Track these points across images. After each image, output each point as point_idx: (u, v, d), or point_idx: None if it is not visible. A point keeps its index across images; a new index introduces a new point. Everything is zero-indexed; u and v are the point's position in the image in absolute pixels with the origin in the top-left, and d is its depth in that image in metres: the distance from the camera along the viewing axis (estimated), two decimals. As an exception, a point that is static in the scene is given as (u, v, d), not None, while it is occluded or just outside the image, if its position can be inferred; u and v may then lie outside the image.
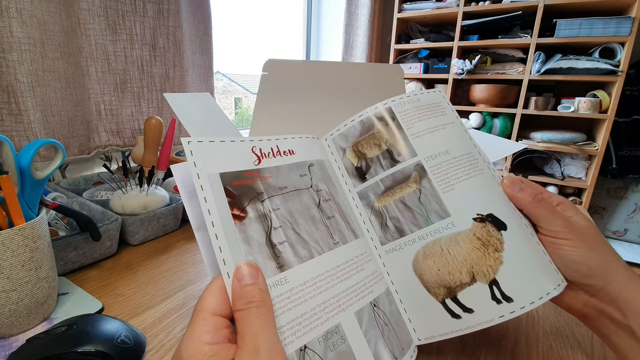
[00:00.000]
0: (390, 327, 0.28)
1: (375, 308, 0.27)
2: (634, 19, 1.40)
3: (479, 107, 1.75)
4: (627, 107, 1.61)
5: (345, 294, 0.26)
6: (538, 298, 0.26)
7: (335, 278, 0.26)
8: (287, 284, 0.23)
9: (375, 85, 0.48)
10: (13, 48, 0.60)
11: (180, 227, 0.60)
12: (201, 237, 0.24)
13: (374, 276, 0.29)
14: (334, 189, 0.32)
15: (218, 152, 0.26)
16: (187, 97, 0.42)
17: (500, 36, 1.65)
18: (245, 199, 0.25)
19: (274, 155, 0.29)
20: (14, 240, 0.30)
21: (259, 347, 0.18)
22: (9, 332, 0.32)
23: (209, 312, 0.20)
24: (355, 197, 0.32)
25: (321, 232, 0.28)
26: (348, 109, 0.37)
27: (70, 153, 0.74)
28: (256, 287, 0.21)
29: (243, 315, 0.20)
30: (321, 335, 0.23)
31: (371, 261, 0.30)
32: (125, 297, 0.40)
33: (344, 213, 0.31)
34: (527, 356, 0.33)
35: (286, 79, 0.46)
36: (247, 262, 0.22)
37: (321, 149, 0.34)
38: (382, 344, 0.26)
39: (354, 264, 0.28)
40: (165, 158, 0.57)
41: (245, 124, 2.44)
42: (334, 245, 0.28)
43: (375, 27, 1.97)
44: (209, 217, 0.23)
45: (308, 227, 0.27)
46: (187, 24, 0.91)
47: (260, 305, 0.20)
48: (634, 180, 1.82)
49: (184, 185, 0.25)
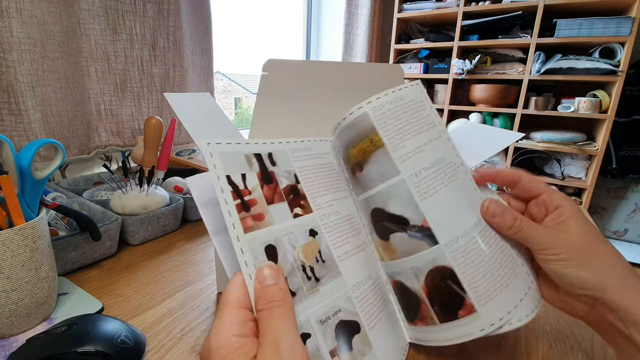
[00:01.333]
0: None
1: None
2: (634, 19, 1.40)
3: (479, 107, 1.75)
4: (627, 107, 1.61)
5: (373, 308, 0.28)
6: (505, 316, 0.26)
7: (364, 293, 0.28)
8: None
9: (375, 85, 0.48)
10: (13, 48, 0.60)
11: (180, 227, 0.60)
12: (219, 242, 0.24)
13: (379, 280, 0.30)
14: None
15: (236, 154, 0.26)
16: (187, 97, 0.42)
17: (500, 36, 1.65)
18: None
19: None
20: (14, 240, 0.30)
21: (280, 345, 0.19)
22: (9, 332, 0.32)
23: (235, 304, 0.21)
24: (357, 203, 0.33)
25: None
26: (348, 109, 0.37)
27: (70, 153, 0.74)
28: (277, 287, 0.21)
29: (265, 314, 0.20)
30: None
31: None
32: (125, 297, 0.40)
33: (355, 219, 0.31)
34: (527, 356, 0.33)
35: (286, 79, 0.46)
36: (267, 263, 0.22)
37: (331, 151, 0.34)
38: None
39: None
40: (165, 158, 0.57)
41: (245, 124, 2.44)
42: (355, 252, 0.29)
43: (375, 27, 1.97)
44: (229, 219, 0.23)
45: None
46: (187, 24, 0.91)
47: (281, 304, 0.20)
48: (634, 180, 1.82)
49: (200, 194, 0.25)
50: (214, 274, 0.46)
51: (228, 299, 0.21)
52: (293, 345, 0.19)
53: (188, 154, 0.81)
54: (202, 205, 0.25)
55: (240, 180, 0.25)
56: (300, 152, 0.30)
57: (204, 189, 0.25)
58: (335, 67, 0.51)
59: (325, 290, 0.25)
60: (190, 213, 0.62)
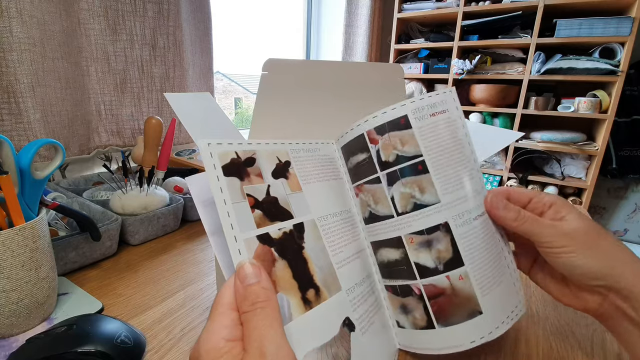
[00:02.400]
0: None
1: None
2: (634, 19, 1.40)
3: (479, 107, 1.75)
4: (627, 107, 1.61)
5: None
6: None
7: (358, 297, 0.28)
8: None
9: (375, 85, 0.48)
10: (13, 48, 0.60)
11: (180, 227, 0.60)
12: (216, 242, 0.24)
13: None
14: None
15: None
16: (187, 97, 0.42)
17: (500, 36, 1.65)
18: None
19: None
20: (14, 240, 0.30)
21: (265, 351, 0.18)
22: (9, 332, 0.32)
23: (226, 306, 0.20)
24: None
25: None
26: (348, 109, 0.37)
27: (70, 153, 0.74)
28: (259, 286, 0.20)
29: (249, 317, 0.19)
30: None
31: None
32: (125, 297, 0.40)
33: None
34: (527, 356, 0.33)
35: (286, 79, 0.46)
36: (249, 261, 0.21)
37: (334, 154, 0.33)
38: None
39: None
40: (165, 158, 0.57)
41: (245, 124, 2.44)
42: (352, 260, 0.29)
43: (375, 27, 1.97)
44: (227, 219, 0.22)
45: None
46: (187, 24, 0.91)
47: (265, 305, 0.19)
48: (634, 180, 1.82)
49: (199, 194, 0.25)
50: (214, 274, 0.46)
51: (220, 300, 0.20)
52: (279, 349, 0.18)
53: (188, 154, 0.81)
54: (201, 205, 0.25)
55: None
56: (301, 154, 0.30)
57: (204, 189, 0.25)
58: (335, 66, 0.51)
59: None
60: (190, 213, 0.62)
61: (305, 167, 0.30)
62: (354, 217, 0.31)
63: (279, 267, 0.24)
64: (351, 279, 0.28)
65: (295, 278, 0.24)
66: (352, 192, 0.32)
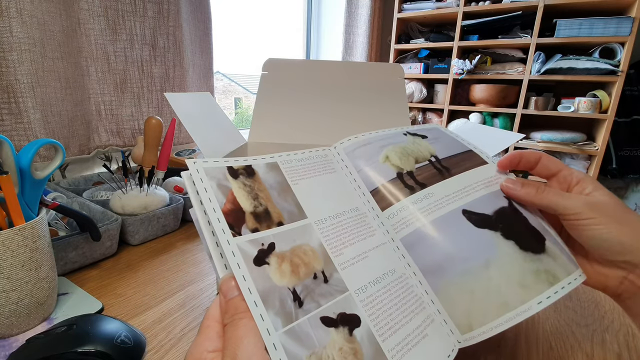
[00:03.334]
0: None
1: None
2: (634, 19, 1.40)
3: (479, 107, 1.75)
4: (627, 107, 1.61)
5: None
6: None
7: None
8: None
9: (375, 85, 0.48)
10: (13, 48, 0.60)
11: (180, 227, 0.60)
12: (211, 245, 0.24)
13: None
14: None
15: (221, 169, 0.25)
16: (187, 97, 0.42)
17: (500, 36, 1.65)
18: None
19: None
20: (14, 240, 0.30)
21: (236, 358, 0.18)
22: (9, 332, 0.32)
23: (212, 319, 0.21)
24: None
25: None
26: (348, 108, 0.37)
27: (70, 153, 0.74)
28: (239, 299, 0.21)
29: (228, 328, 0.20)
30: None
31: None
32: (125, 297, 0.40)
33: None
34: (527, 356, 0.33)
35: (286, 79, 0.46)
36: (230, 275, 0.22)
37: (334, 161, 0.33)
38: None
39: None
40: (165, 158, 0.57)
41: (245, 124, 2.45)
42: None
43: (375, 27, 1.98)
44: (218, 225, 0.22)
45: None
46: (187, 24, 0.91)
47: (244, 316, 0.20)
48: (634, 180, 1.82)
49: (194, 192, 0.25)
50: (214, 274, 0.46)
51: (208, 314, 0.21)
52: (250, 357, 0.18)
53: (188, 154, 0.81)
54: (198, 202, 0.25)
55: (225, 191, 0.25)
56: (290, 164, 0.29)
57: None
58: (335, 66, 0.51)
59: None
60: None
61: (297, 171, 0.29)
62: (365, 215, 0.30)
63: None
64: (362, 278, 0.26)
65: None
66: (361, 190, 0.31)
